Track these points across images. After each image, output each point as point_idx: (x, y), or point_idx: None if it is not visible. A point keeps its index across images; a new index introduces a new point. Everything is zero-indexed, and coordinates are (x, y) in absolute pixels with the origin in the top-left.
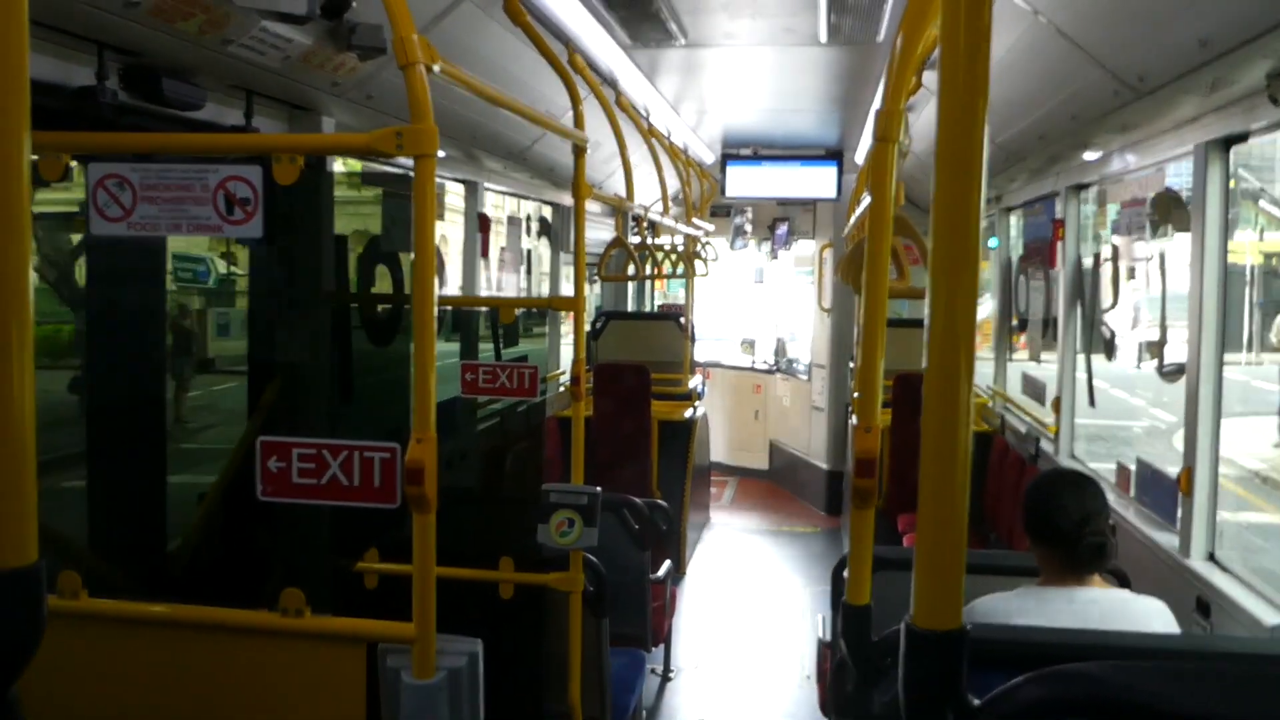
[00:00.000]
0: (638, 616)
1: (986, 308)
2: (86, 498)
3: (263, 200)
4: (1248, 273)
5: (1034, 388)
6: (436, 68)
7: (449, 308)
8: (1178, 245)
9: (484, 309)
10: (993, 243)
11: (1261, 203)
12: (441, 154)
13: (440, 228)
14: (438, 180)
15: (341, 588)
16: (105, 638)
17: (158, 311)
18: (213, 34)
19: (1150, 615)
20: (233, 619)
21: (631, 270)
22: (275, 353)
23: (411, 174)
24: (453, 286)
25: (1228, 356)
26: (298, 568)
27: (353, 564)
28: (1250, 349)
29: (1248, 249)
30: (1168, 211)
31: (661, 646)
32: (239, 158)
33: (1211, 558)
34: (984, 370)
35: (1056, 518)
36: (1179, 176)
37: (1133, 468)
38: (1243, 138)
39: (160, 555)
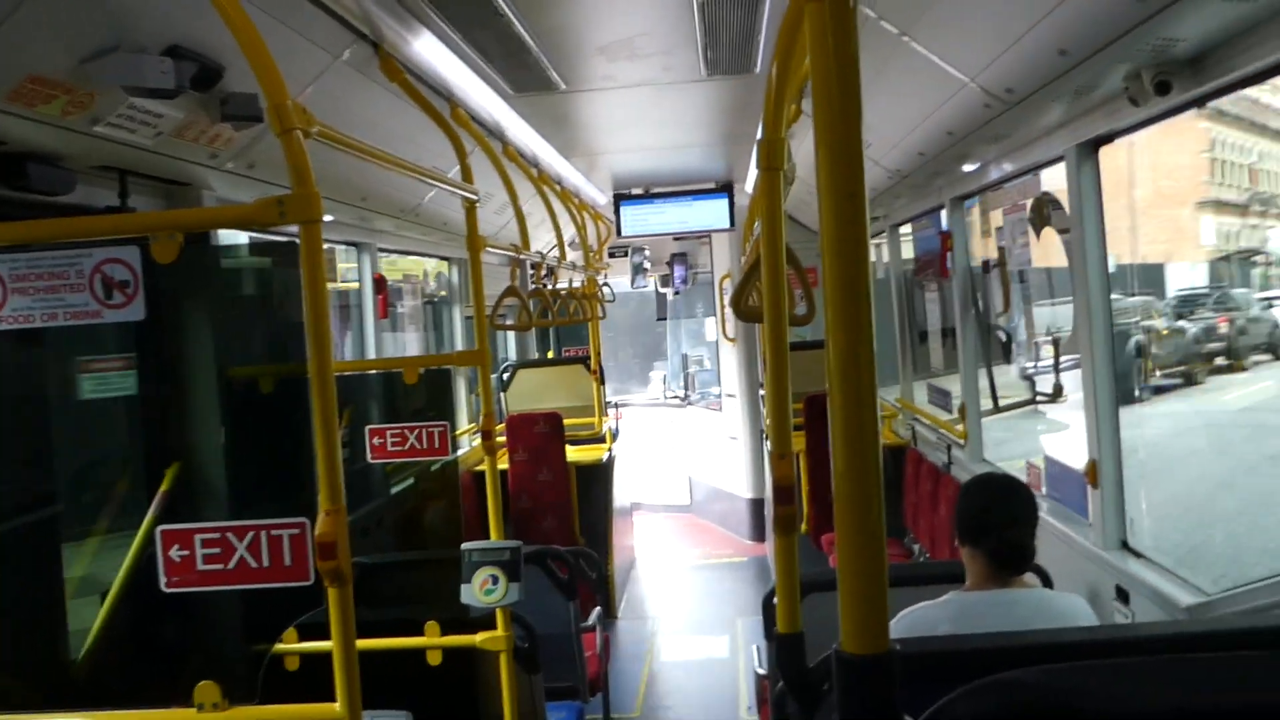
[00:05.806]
0: (572, 668)
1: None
2: None
3: (143, 281)
4: None
5: (940, 396)
6: (314, 130)
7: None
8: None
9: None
10: None
11: None
12: (329, 218)
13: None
14: (327, 245)
15: (261, 674)
16: None
17: (44, 411)
18: (78, 115)
19: (1072, 612)
20: None
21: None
22: (169, 437)
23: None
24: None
25: None
26: (213, 659)
27: (269, 648)
28: None
29: None
30: (1047, 214)
31: (599, 695)
32: (116, 240)
33: (1124, 545)
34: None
35: (983, 522)
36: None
37: (1041, 465)
38: (1109, 138)
39: (63, 662)
